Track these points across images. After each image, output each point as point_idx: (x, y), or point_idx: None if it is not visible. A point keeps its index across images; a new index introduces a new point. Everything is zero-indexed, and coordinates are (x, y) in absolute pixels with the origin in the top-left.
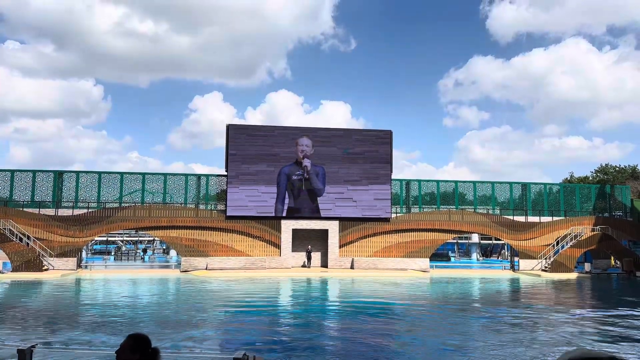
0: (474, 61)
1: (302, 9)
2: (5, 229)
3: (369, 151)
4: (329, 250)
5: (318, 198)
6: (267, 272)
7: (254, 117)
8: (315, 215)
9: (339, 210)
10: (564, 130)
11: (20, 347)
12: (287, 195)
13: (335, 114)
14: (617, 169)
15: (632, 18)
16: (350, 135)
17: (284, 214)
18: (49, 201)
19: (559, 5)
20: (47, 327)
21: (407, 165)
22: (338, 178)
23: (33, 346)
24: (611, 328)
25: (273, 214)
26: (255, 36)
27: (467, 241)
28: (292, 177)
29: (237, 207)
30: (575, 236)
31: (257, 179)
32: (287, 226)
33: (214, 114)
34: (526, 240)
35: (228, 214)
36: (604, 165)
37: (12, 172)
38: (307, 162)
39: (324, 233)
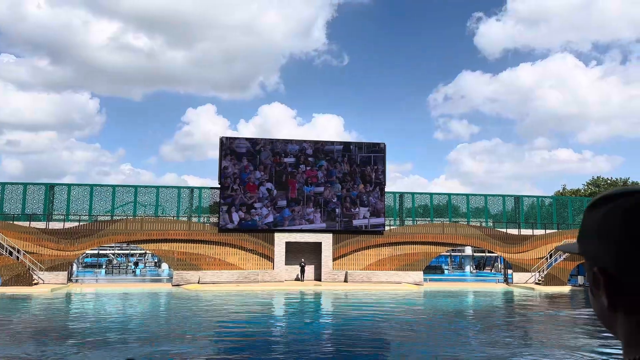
0: (462, 76)
1: (295, 25)
2: None
3: (362, 163)
4: (322, 263)
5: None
6: (260, 285)
7: (247, 130)
8: (309, 228)
9: (319, 226)
10: (553, 143)
11: None
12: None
13: (328, 127)
14: (609, 181)
15: (616, 35)
16: (344, 147)
17: (277, 227)
18: (40, 214)
19: (544, 23)
20: (37, 345)
21: (399, 177)
22: (331, 190)
23: None
24: (606, 341)
25: (266, 227)
26: (249, 51)
27: (460, 254)
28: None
29: (230, 219)
30: None
31: (250, 192)
32: (281, 239)
33: (207, 126)
34: (519, 253)
35: (221, 226)
36: (595, 177)
37: (3, 184)
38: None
39: (318, 246)
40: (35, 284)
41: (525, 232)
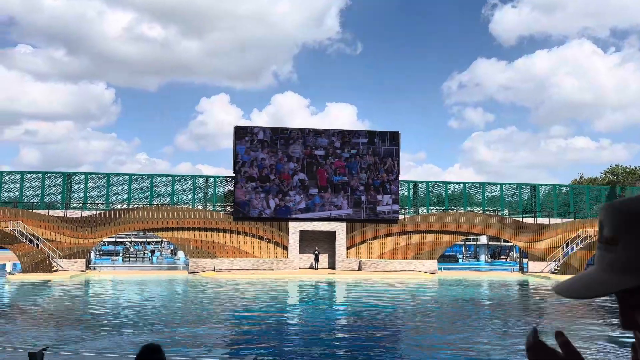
0: (477, 63)
1: (308, 14)
2: (15, 230)
3: (376, 152)
4: (336, 251)
5: (326, 199)
6: (274, 273)
7: (260, 119)
8: (323, 216)
9: (346, 212)
10: (570, 131)
11: (31, 351)
12: (294, 197)
13: (341, 116)
14: (627, 170)
15: (636, 20)
16: (358, 136)
17: (292, 215)
18: (58, 202)
19: (561, 9)
20: (57, 329)
21: (413, 166)
22: (346, 179)
23: (44, 349)
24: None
25: (281, 216)
26: (262, 41)
27: (475, 243)
28: (299, 178)
29: (244, 208)
30: (585, 238)
31: (264, 180)
32: (295, 228)
33: (220, 116)
34: (535, 242)
35: (235, 215)
36: (613, 166)
37: (22, 173)
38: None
39: (332, 234)
40: (55, 271)
41: (542, 221)
